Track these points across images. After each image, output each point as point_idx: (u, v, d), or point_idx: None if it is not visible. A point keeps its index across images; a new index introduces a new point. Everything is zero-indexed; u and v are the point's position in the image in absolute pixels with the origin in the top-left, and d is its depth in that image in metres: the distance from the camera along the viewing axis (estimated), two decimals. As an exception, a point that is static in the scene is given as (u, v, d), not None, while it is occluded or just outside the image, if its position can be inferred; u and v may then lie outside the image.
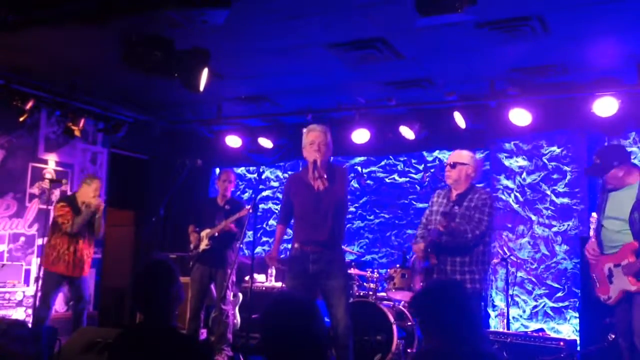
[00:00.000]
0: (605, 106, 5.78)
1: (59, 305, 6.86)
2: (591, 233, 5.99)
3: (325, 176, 4.39)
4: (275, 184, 8.71)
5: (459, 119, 6.42)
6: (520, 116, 6.18)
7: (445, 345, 2.34)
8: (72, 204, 6.01)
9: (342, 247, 4.78)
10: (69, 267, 5.89)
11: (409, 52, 5.34)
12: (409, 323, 5.91)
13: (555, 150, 6.81)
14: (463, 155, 4.55)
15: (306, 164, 4.61)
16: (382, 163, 7.97)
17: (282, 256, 8.36)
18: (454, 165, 4.49)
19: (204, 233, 6.09)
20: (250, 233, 7.26)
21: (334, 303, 4.43)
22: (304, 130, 4.64)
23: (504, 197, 6.96)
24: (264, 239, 8.62)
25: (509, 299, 6.35)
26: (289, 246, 4.99)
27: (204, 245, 6.05)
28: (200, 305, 6.04)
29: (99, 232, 6.18)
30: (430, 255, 4.35)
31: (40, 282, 5.92)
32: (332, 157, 4.81)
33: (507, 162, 7.04)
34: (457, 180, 4.47)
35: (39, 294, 5.86)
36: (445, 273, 4.31)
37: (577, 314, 6.22)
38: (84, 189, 6.05)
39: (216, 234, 6.02)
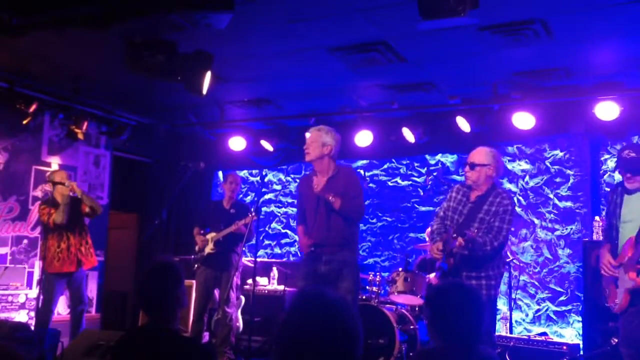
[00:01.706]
0: (608, 110, 5.78)
1: (62, 308, 6.86)
2: (595, 237, 6.03)
3: (325, 180, 4.47)
4: (278, 187, 8.71)
5: (463, 124, 6.41)
6: (523, 120, 6.18)
7: (451, 347, 2.34)
8: (50, 203, 6.04)
9: (356, 249, 4.75)
10: (64, 264, 5.89)
11: (412, 55, 5.35)
12: (412, 326, 5.91)
13: (558, 153, 6.81)
14: (483, 154, 4.34)
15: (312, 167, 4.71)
16: (385, 166, 7.97)
17: (284, 259, 8.37)
18: (472, 166, 4.29)
19: (209, 237, 6.09)
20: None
21: None
22: None
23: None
24: (267, 242, 8.62)
25: (512, 303, 6.34)
26: (292, 249, 5.03)
27: (209, 249, 6.06)
28: (204, 307, 6.05)
29: (96, 207, 6.12)
30: (448, 259, 4.22)
31: (41, 285, 5.94)
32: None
33: (509, 166, 7.04)
34: (477, 182, 4.29)
35: (40, 297, 5.87)
36: (461, 277, 4.16)
37: (580, 318, 6.20)
38: (57, 186, 6.05)
39: (221, 238, 6.02)
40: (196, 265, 6.15)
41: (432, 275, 6.21)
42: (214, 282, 6.06)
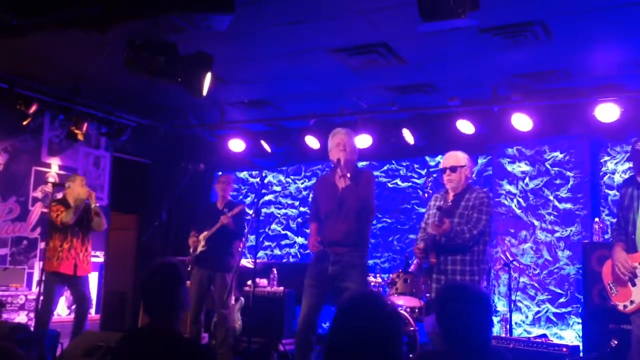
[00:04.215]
0: (608, 111, 5.78)
1: (62, 309, 6.86)
2: (595, 239, 6.04)
3: (349, 175, 4.54)
4: (278, 189, 8.72)
5: (464, 126, 6.42)
6: (522, 121, 6.18)
7: (459, 348, 2.33)
8: (63, 202, 6.07)
9: (365, 252, 4.77)
10: (62, 263, 5.88)
11: (412, 57, 5.35)
12: (411, 328, 5.90)
13: (558, 155, 6.81)
14: (460, 157, 4.54)
15: (331, 167, 4.76)
16: (385, 168, 7.97)
17: (284, 260, 8.37)
18: (454, 169, 4.47)
19: (201, 236, 6.10)
20: (252, 237, 7.26)
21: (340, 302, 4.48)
22: (330, 134, 4.76)
23: (506, 203, 6.95)
24: (267, 243, 8.61)
25: (512, 305, 6.34)
26: (292, 251, 5.05)
27: (201, 246, 6.06)
28: (200, 308, 6.05)
29: (101, 225, 6.14)
30: (430, 255, 4.34)
31: (41, 285, 5.95)
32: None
33: (509, 168, 7.04)
34: (459, 183, 4.47)
35: (41, 297, 5.88)
36: (446, 273, 4.29)
37: (579, 320, 6.20)
38: (70, 189, 6.09)
39: (212, 235, 6.01)
40: (190, 267, 6.14)
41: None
42: (208, 282, 6.04)
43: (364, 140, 6.96)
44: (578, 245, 6.37)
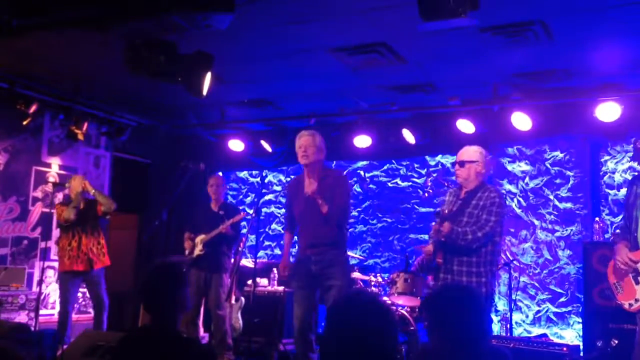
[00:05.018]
0: (608, 111, 5.78)
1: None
2: (595, 238, 6.04)
3: (316, 182, 4.54)
4: (278, 188, 8.72)
5: (465, 126, 6.42)
6: (523, 121, 6.18)
7: (451, 346, 2.34)
8: (65, 203, 6.23)
9: (345, 248, 4.80)
10: (74, 262, 5.98)
11: (412, 56, 5.35)
12: (412, 328, 5.90)
13: (558, 155, 6.81)
14: (471, 152, 4.39)
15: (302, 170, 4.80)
16: (385, 167, 7.97)
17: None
18: (462, 164, 4.35)
19: (198, 239, 6.10)
20: (252, 237, 7.27)
21: (329, 300, 4.55)
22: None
23: (506, 202, 6.95)
24: (267, 242, 8.61)
25: (512, 304, 6.34)
26: (292, 250, 5.10)
27: (198, 250, 6.06)
28: (197, 309, 6.06)
29: (110, 204, 6.20)
30: (437, 255, 4.29)
31: (41, 286, 6.01)
32: (334, 163, 4.91)
33: (510, 167, 7.04)
34: (467, 179, 4.34)
35: (58, 299, 5.94)
36: (452, 273, 4.21)
37: (580, 319, 6.21)
38: (70, 189, 6.21)
39: (210, 239, 6.01)
40: (185, 268, 6.14)
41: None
42: (204, 283, 6.05)
43: (364, 140, 6.96)
44: (578, 245, 6.38)
